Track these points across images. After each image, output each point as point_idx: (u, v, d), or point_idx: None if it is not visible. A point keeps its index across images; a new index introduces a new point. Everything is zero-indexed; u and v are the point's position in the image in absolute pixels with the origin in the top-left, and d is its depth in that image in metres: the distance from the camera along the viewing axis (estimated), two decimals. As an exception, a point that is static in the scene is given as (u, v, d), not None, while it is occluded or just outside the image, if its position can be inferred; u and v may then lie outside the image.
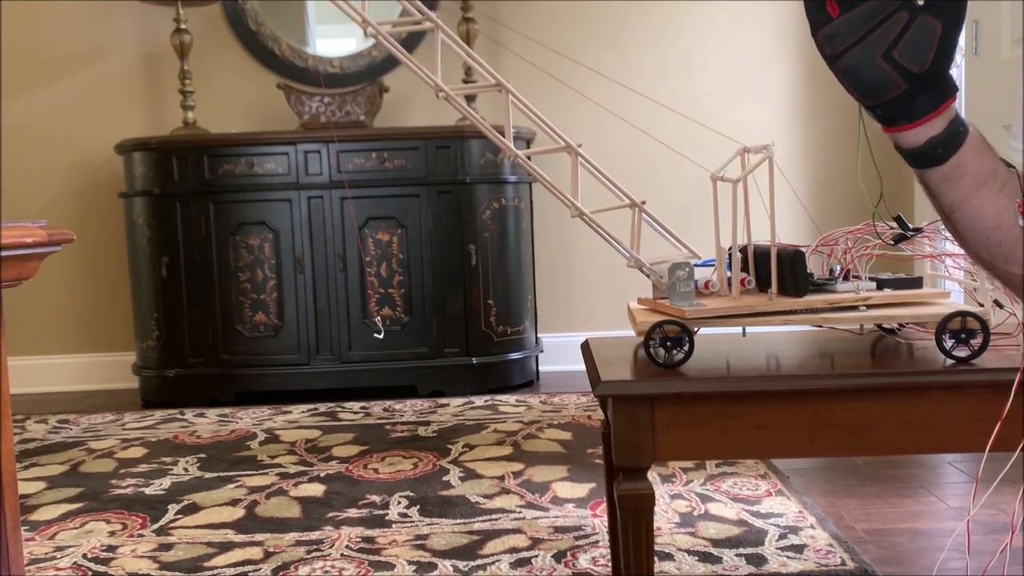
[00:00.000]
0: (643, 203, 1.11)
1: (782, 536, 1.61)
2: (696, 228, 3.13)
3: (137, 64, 3.30)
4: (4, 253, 0.76)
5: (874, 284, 1.07)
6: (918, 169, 0.81)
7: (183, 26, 3.04)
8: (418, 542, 1.65)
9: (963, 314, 1.00)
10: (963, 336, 0.99)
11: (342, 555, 1.60)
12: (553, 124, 1.19)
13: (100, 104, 3.30)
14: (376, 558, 1.58)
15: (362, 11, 1.09)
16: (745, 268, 1.12)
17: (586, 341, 1.22)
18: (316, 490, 1.97)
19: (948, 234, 1.14)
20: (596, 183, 1.17)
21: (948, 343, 1.00)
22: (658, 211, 1.16)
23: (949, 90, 0.78)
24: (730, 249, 1.11)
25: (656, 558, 1.42)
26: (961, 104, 2.85)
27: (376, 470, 2.11)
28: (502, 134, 1.13)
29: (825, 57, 0.79)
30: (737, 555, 1.53)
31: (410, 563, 1.55)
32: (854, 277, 1.09)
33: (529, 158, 1.13)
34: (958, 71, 2.89)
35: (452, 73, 3.19)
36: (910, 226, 1.06)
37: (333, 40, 3.36)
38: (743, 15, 3.28)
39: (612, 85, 3.38)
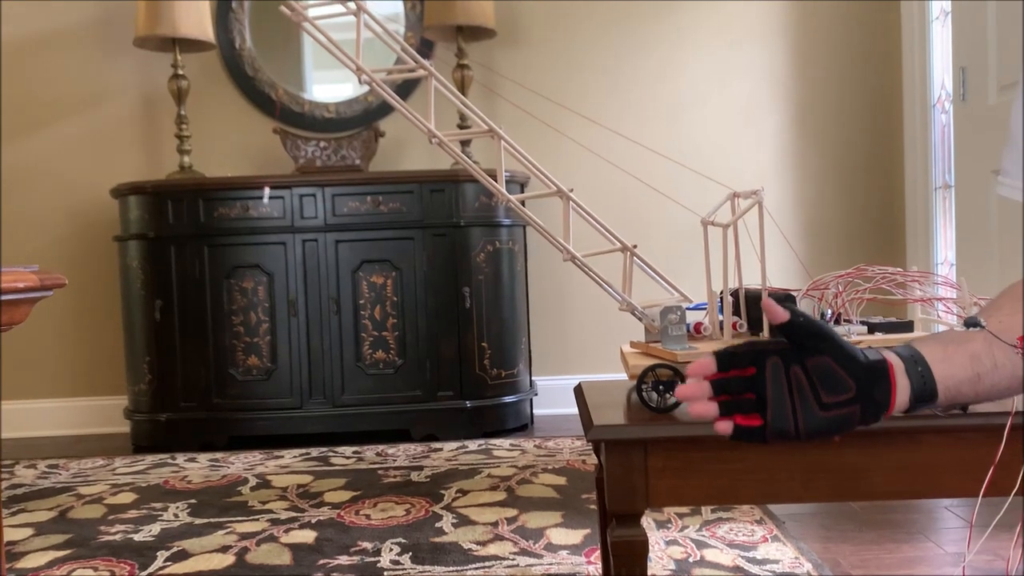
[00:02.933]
0: (635, 247, 1.12)
1: (778, 583, 1.59)
2: (689, 271, 3.15)
3: (134, 109, 3.33)
4: (-5, 298, 0.76)
5: (865, 328, 1.08)
6: (926, 408, 0.86)
7: (181, 72, 3.07)
8: (410, 589, 1.62)
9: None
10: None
11: (333, 603, 1.57)
12: (546, 169, 1.20)
13: (97, 148, 3.32)
14: (367, 606, 1.56)
15: (357, 59, 1.10)
16: (737, 312, 1.13)
17: (579, 385, 1.22)
18: (307, 536, 1.95)
19: (939, 280, 1.15)
20: (588, 227, 1.18)
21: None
22: (650, 254, 1.17)
23: (883, 367, 0.83)
24: (721, 293, 1.12)
25: (651, 606, 1.40)
26: (950, 150, 2.88)
27: (368, 516, 2.08)
28: (495, 179, 1.14)
29: (797, 442, 0.84)
30: (733, 602, 1.51)
31: (402, 611, 1.53)
32: (845, 321, 1.09)
33: (523, 203, 1.14)
34: (947, 116, 2.93)
35: (447, 119, 3.22)
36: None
37: (329, 86, 3.40)
38: (734, 62, 3.33)
39: (605, 129, 3.42)
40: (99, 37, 3.30)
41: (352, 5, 1.09)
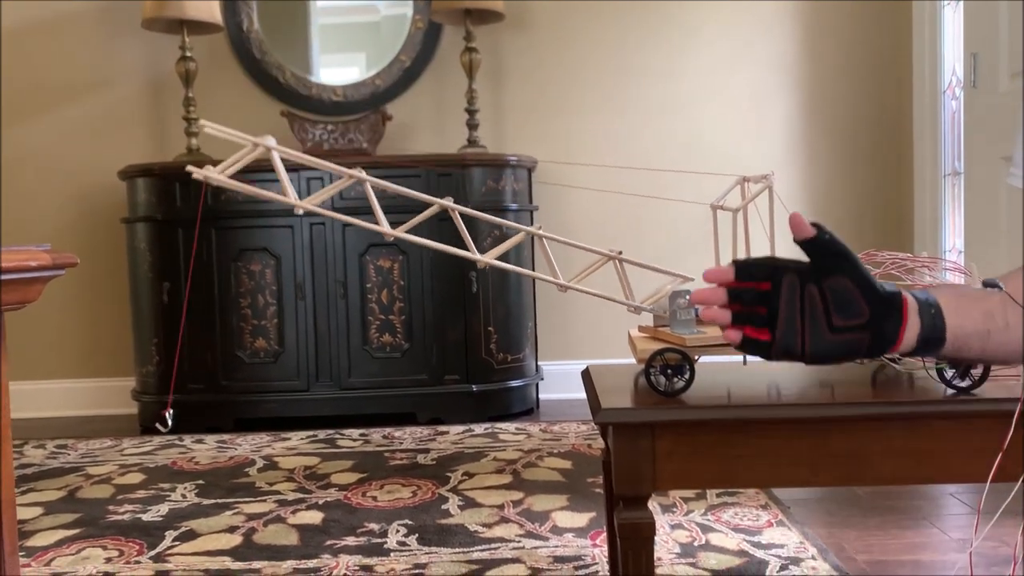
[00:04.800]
0: (620, 253, 1.11)
1: (783, 567, 1.60)
2: (699, 257, 3.14)
3: (142, 91, 3.33)
4: (8, 276, 0.76)
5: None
6: (931, 355, 0.87)
7: (188, 54, 3.07)
8: (416, 571, 1.64)
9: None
10: (964, 366, 0.99)
11: (340, 583, 1.59)
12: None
13: (105, 131, 3.32)
14: (374, 587, 1.57)
15: (287, 196, 1.10)
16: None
17: (587, 369, 1.22)
18: (314, 518, 1.96)
19: (949, 265, 1.15)
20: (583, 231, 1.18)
21: (949, 373, 0.99)
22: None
23: (898, 301, 0.84)
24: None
25: (656, 588, 1.41)
26: (959, 137, 2.87)
27: (375, 498, 2.10)
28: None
29: (800, 362, 0.86)
30: (738, 586, 1.52)
31: (408, 592, 1.54)
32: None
33: (505, 256, 1.14)
34: (957, 103, 2.91)
35: (454, 107, 3.22)
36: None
37: (337, 69, 3.39)
38: (743, 49, 3.32)
39: (613, 114, 3.42)
40: (107, 19, 3.30)
41: (261, 149, 1.11)
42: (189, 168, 1.05)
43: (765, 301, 0.84)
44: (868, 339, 0.83)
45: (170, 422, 2.78)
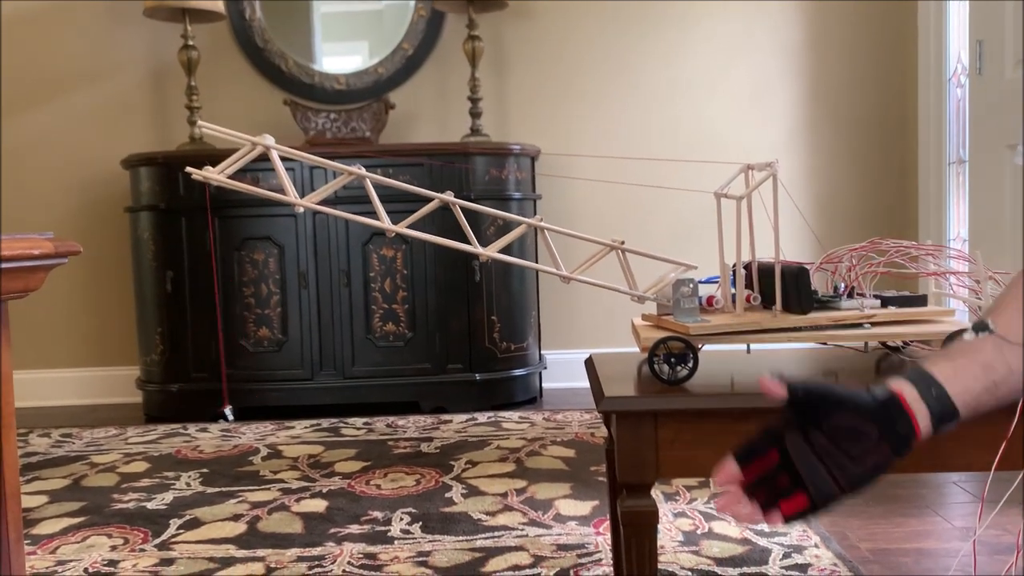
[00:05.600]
0: (622, 243, 1.11)
1: (786, 555, 1.60)
2: (702, 246, 3.14)
3: (145, 80, 3.32)
4: (11, 264, 0.76)
5: (878, 302, 1.07)
6: (951, 428, 0.85)
7: (191, 42, 3.06)
8: (420, 559, 1.64)
9: (967, 332, 0.99)
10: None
11: (344, 571, 1.59)
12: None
13: (108, 120, 3.32)
14: (378, 574, 1.57)
15: (288, 196, 1.10)
16: (749, 285, 1.12)
17: (590, 357, 1.22)
18: (318, 506, 1.97)
19: (954, 253, 1.15)
20: (581, 228, 1.18)
21: (953, 361, 0.99)
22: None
23: (896, 401, 0.81)
24: (734, 266, 1.11)
25: (659, 576, 1.41)
26: (964, 125, 2.85)
27: (378, 486, 2.10)
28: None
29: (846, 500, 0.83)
30: (741, 574, 1.52)
31: (412, 580, 1.54)
32: (858, 294, 1.09)
33: (508, 248, 1.14)
34: (962, 91, 2.90)
35: (456, 96, 3.21)
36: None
37: (339, 57, 3.38)
38: (747, 36, 3.30)
39: (616, 103, 3.40)
40: (109, 8, 3.29)
41: (260, 148, 1.11)
42: (188, 170, 1.05)
43: (782, 468, 0.81)
44: (888, 448, 0.81)
45: (230, 416, 2.86)
